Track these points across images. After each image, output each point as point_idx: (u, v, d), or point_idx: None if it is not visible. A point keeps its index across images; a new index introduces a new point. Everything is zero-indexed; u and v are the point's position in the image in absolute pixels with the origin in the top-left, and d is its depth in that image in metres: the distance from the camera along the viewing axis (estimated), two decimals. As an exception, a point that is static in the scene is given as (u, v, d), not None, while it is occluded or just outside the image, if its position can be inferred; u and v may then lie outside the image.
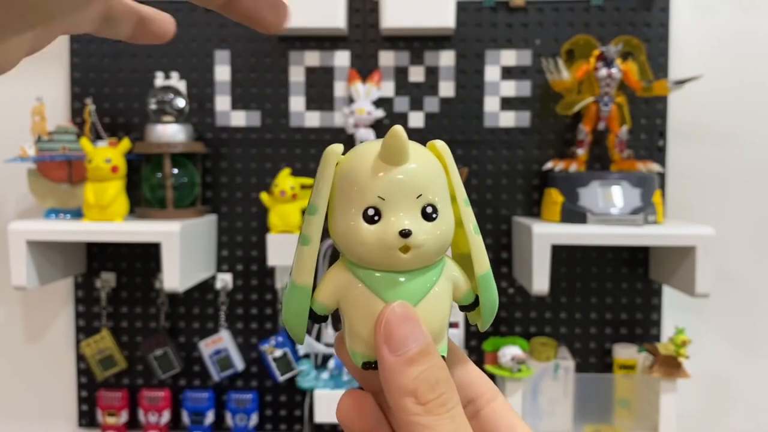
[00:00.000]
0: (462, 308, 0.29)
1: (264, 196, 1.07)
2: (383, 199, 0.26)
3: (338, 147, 0.27)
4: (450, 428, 0.25)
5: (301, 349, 1.08)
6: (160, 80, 1.10)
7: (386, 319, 0.26)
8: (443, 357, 0.27)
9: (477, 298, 0.29)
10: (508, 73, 1.10)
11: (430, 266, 0.27)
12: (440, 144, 0.28)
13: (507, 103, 1.10)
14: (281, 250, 1.04)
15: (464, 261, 0.29)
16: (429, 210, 0.26)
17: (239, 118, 1.11)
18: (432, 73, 1.10)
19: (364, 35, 1.10)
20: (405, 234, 0.26)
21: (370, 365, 0.27)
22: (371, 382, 0.28)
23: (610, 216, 0.96)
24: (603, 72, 1.01)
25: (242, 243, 1.12)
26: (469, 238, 0.28)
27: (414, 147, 0.27)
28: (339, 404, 0.28)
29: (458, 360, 0.30)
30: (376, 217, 0.26)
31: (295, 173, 1.09)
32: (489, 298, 0.29)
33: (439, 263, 0.28)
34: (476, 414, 0.29)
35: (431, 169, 0.27)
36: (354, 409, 0.28)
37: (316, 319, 0.28)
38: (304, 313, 0.28)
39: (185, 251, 0.96)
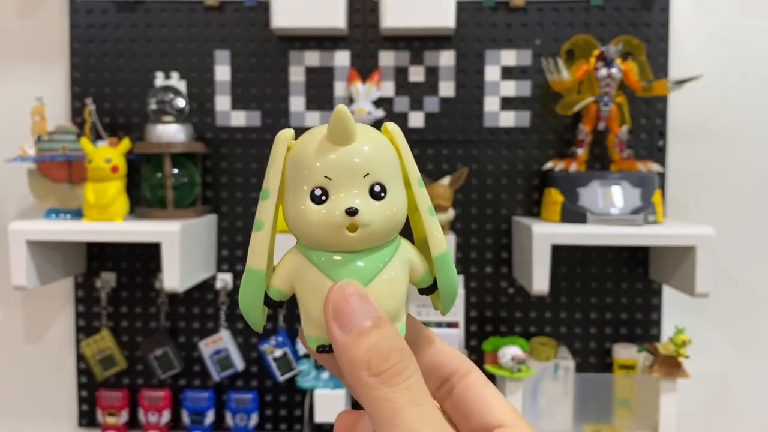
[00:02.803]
0: (421, 291, 0.29)
1: (264, 196, 1.07)
2: (330, 179, 0.26)
3: (288, 132, 0.27)
4: (407, 399, 0.24)
5: (301, 349, 1.08)
6: (160, 80, 1.10)
7: (333, 298, 0.25)
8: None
9: (435, 279, 0.29)
10: (508, 73, 1.10)
11: (382, 246, 0.27)
12: (392, 126, 0.28)
13: (507, 103, 1.10)
14: (281, 250, 1.04)
15: (425, 246, 0.29)
16: (377, 189, 0.26)
17: (239, 118, 1.11)
18: (432, 73, 1.10)
19: (364, 35, 1.10)
20: (351, 212, 0.26)
21: (325, 348, 0.27)
22: (332, 366, 0.28)
23: (610, 216, 0.96)
24: (603, 72, 1.01)
25: (242, 243, 1.12)
26: (424, 219, 0.28)
27: (362, 128, 0.27)
28: (335, 426, 0.28)
29: (427, 340, 0.29)
30: (323, 197, 0.26)
31: (295, 173, 1.09)
32: (446, 281, 0.28)
33: (392, 244, 0.28)
34: (450, 391, 0.28)
35: (379, 148, 0.27)
36: (346, 428, 0.28)
37: (272, 305, 0.28)
38: (259, 299, 0.28)
39: (185, 251, 0.96)
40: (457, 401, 0.28)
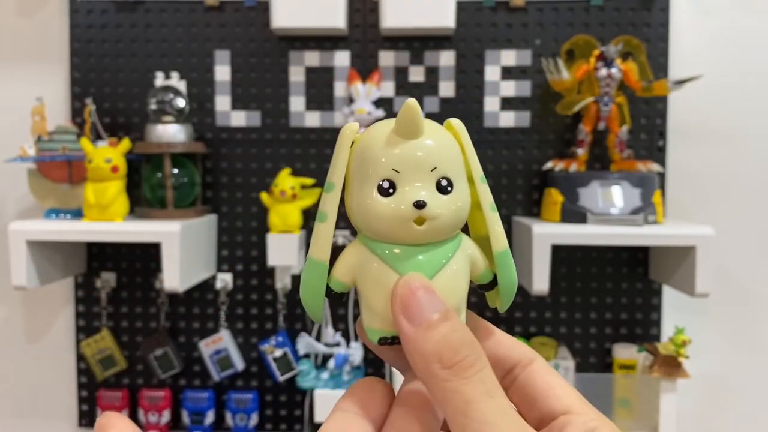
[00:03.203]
0: (480, 287, 0.29)
1: (264, 196, 1.07)
2: (398, 172, 0.26)
3: (354, 125, 0.27)
4: (480, 390, 0.24)
5: (301, 349, 1.08)
6: (160, 80, 1.10)
7: (401, 291, 0.25)
8: None
9: (495, 278, 0.29)
10: (508, 73, 1.10)
11: (446, 241, 0.27)
12: (456, 122, 0.28)
13: (507, 103, 1.10)
14: (281, 250, 1.04)
15: (483, 243, 0.29)
16: (444, 183, 0.26)
17: (239, 118, 1.11)
18: (432, 73, 1.10)
19: (364, 35, 1.10)
20: (420, 205, 0.26)
21: (386, 340, 0.27)
22: (394, 359, 0.28)
23: (610, 216, 0.96)
24: (603, 72, 1.01)
25: (242, 243, 1.12)
26: (486, 216, 0.28)
27: (429, 123, 0.27)
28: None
29: (486, 333, 0.29)
30: (391, 190, 0.26)
31: (295, 173, 1.09)
32: (508, 277, 0.28)
33: (455, 239, 0.28)
34: (513, 381, 0.28)
35: (446, 144, 0.27)
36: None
37: (332, 296, 0.28)
38: (321, 290, 0.28)
39: (185, 251, 0.96)
40: (521, 390, 0.28)
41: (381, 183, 0.26)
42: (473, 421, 0.23)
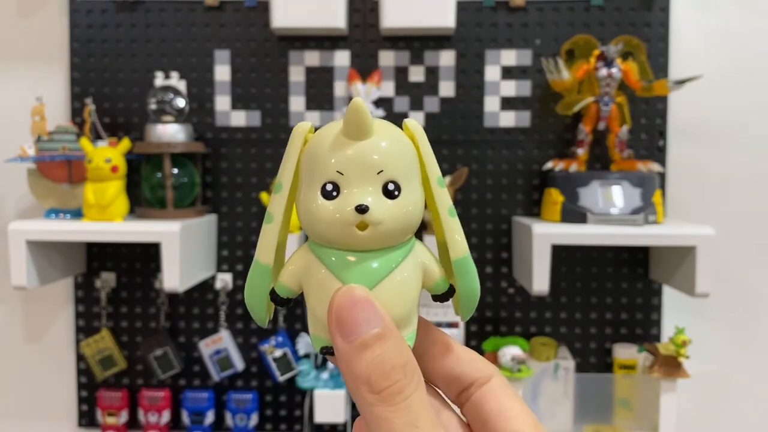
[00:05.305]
0: (434, 298, 0.28)
1: (264, 196, 1.07)
2: (342, 174, 0.25)
3: (306, 125, 0.27)
4: (405, 420, 0.23)
5: (301, 349, 1.08)
6: (160, 80, 1.10)
7: (336, 304, 0.24)
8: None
9: (451, 287, 0.28)
10: (508, 73, 1.09)
11: (395, 247, 0.26)
12: (412, 123, 0.27)
13: (507, 103, 1.10)
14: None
15: (446, 249, 0.28)
16: (390, 187, 0.25)
17: (239, 118, 1.11)
18: (432, 73, 1.10)
19: (364, 35, 1.10)
20: (361, 209, 0.25)
21: (329, 350, 0.26)
22: None
23: (610, 216, 0.96)
24: (603, 72, 1.01)
25: (242, 243, 1.12)
26: (443, 221, 0.27)
27: (380, 123, 0.26)
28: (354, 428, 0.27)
29: (444, 349, 0.28)
30: (335, 193, 0.25)
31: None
32: (467, 286, 0.27)
33: (406, 245, 0.27)
34: (468, 399, 0.27)
35: (396, 145, 0.26)
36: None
37: (278, 302, 0.27)
38: (264, 293, 0.27)
39: (185, 251, 0.96)
40: (475, 409, 0.27)
41: (325, 185, 0.25)
42: None
